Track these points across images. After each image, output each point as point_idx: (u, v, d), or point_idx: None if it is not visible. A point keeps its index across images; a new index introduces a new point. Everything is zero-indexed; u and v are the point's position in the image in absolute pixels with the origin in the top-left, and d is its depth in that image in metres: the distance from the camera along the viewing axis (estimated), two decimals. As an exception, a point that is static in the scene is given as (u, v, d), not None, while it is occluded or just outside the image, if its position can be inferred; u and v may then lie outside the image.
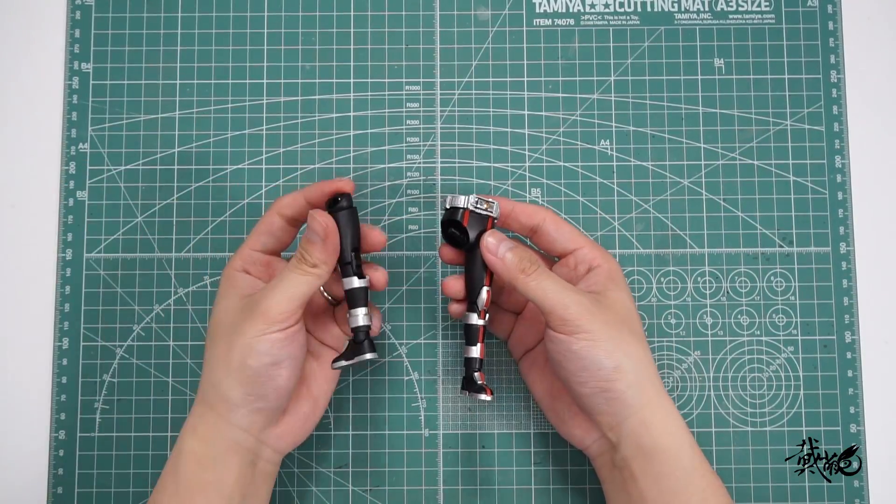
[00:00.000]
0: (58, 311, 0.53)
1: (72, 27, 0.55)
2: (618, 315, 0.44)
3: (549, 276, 0.44)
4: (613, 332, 0.43)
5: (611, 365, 0.42)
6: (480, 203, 0.45)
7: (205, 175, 0.54)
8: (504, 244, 0.44)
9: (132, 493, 0.52)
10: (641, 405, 0.43)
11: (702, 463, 0.43)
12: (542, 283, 0.43)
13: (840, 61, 0.55)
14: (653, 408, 0.43)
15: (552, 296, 0.43)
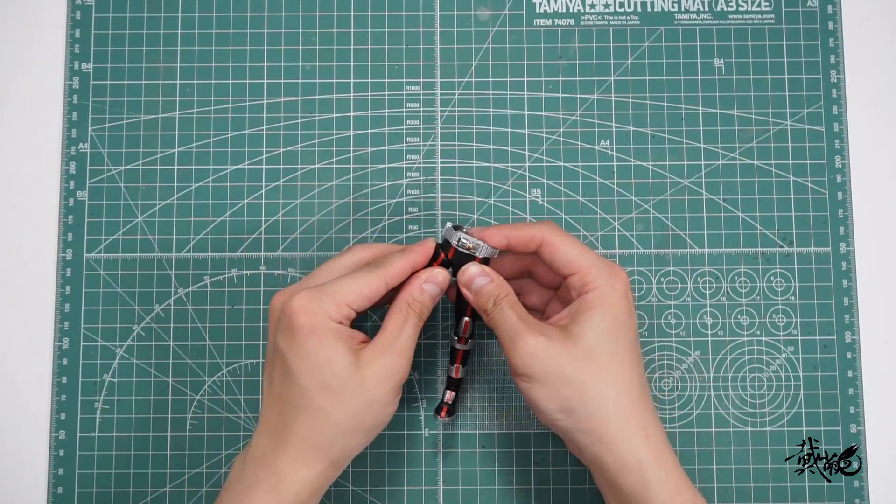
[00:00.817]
0: (58, 311, 0.53)
1: (72, 27, 0.55)
2: (574, 352, 0.43)
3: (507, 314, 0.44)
4: (557, 374, 0.42)
5: (549, 407, 0.43)
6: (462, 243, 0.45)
7: (205, 175, 0.54)
8: (478, 280, 0.45)
9: (132, 493, 0.52)
10: (592, 443, 0.43)
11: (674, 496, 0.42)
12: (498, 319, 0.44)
13: (840, 61, 0.55)
14: (606, 446, 0.42)
15: (504, 334, 0.44)
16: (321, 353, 0.42)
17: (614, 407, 0.43)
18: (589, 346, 0.43)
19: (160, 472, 0.52)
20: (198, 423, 0.52)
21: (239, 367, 0.53)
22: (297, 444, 0.42)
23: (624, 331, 0.44)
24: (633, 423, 0.43)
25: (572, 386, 0.42)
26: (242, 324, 0.53)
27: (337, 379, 0.42)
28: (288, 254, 0.53)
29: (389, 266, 0.44)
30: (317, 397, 0.42)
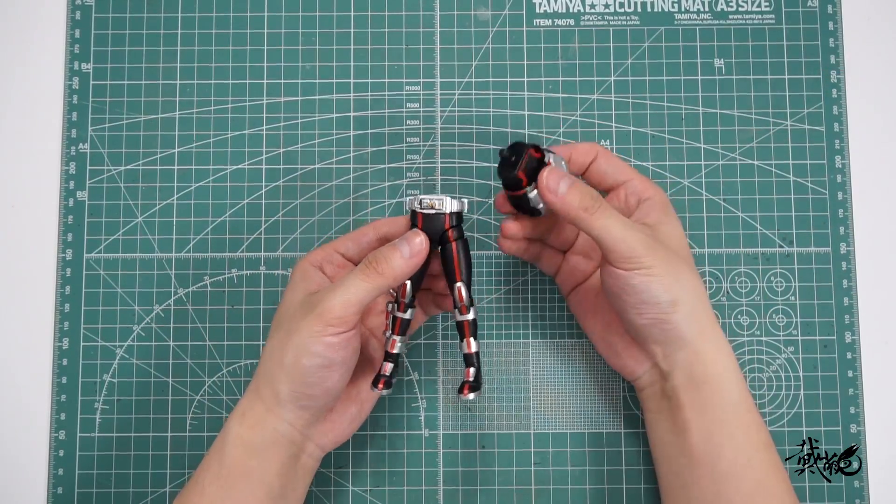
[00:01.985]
0: (58, 311, 0.53)
1: (72, 27, 0.55)
2: (673, 248, 0.45)
3: (611, 213, 0.43)
4: (671, 267, 0.43)
5: (668, 298, 0.43)
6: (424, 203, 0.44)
7: (205, 175, 0.54)
8: (564, 181, 0.43)
9: (132, 493, 0.52)
10: (695, 336, 0.44)
11: (748, 398, 0.45)
12: (605, 222, 0.43)
13: (840, 61, 0.55)
14: (706, 339, 0.44)
15: (615, 233, 0.43)
16: (285, 294, 0.45)
17: (706, 302, 0.46)
18: (682, 244, 0.47)
19: (160, 472, 0.52)
20: (198, 423, 0.52)
21: (239, 368, 0.53)
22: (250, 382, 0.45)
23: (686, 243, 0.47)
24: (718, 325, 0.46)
25: (683, 278, 0.44)
26: (242, 324, 0.53)
27: (281, 310, 0.45)
28: (288, 254, 0.53)
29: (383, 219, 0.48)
30: (270, 332, 0.45)
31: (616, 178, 0.48)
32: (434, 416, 0.52)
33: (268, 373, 0.43)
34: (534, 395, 0.52)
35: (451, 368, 0.53)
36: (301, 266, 0.46)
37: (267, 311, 0.53)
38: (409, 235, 0.44)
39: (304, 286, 0.45)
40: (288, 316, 0.43)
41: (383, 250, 0.43)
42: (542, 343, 0.53)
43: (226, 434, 0.44)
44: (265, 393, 0.43)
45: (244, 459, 0.43)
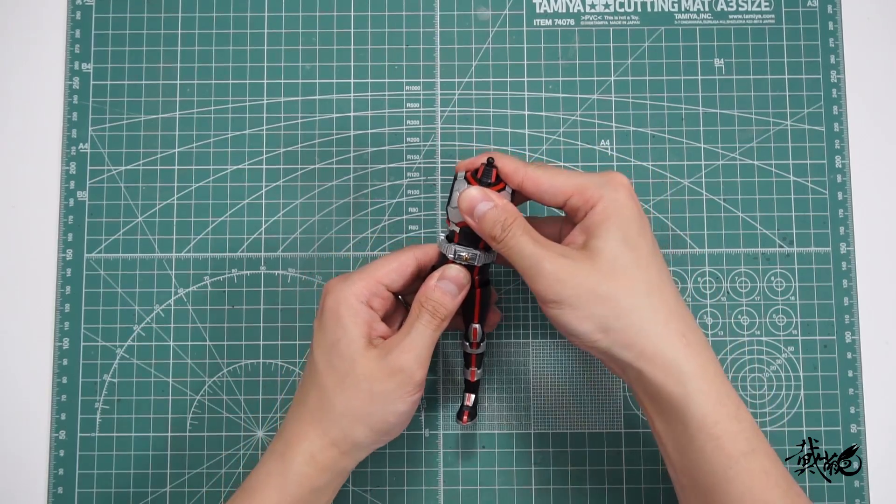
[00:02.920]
0: (58, 311, 0.53)
1: (72, 27, 0.55)
2: (601, 268, 0.41)
3: (522, 241, 0.41)
4: (586, 296, 0.40)
5: (585, 329, 0.41)
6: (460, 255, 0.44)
7: (205, 175, 0.54)
8: (480, 205, 0.42)
9: (132, 493, 0.52)
10: (634, 358, 0.41)
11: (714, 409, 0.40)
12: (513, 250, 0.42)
13: (840, 61, 0.55)
14: (648, 358, 0.41)
15: (522, 264, 0.41)
16: (335, 332, 0.43)
17: (651, 316, 0.41)
18: (613, 259, 0.41)
19: (160, 472, 0.52)
20: (198, 423, 0.52)
21: (239, 367, 0.53)
22: (306, 418, 0.44)
23: (641, 235, 0.42)
24: (672, 330, 0.41)
25: (605, 303, 0.40)
26: (242, 324, 0.53)
27: (342, 362, 0.43)
28: (288, 254, 0.53)
29: (422, 245, 0.46)
30: (325, 375, 0.43)
31: (555, 200, 0.43)
32: (434, 416, 0.52)
33: (346, 426, 0.43)
34: (534, 395, 0.52)
35: (452, 369, 0.53)
36: (348, 303, 0.43)
37: (267, 311, 0.53)
38: (450, 274, 0.44)
39: (358, 328, 0.43)
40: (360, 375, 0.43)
41: (436, 296, 0.43)
42: (542, 343, 0.53)
43: (288, 469, 0.43)
44: (341, 442, 0.43)
45: (307, 495, 0.43)
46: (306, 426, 0.44)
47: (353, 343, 0.43)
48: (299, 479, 0.43)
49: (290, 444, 0.44)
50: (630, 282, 0.41)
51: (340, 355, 0.43)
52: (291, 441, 0.44)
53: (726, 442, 0.40)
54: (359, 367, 0.43)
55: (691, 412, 0.40)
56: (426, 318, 0.43)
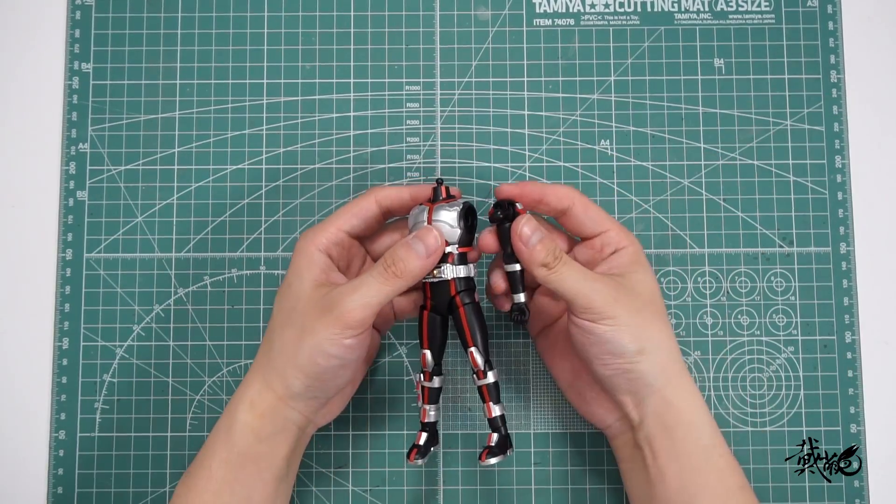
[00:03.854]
0: (58, 311, 0.53)
1: (72, 27, 0.55)
2: (641, 297, 0.44)
3: (571, 267, 0.43)
4: (636, 316, 0.43)
5: (634, 348, 0.43)
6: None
7: (205, 175, 0.54)
8: (537, 234, 0.43)
9: (132, 493, 0.52)
10: (664, 384, 0.44)
11: (720, 442, 0.44)
12: (562, 276, 0.43)
13: (840, 61, 0.55)
14: (674, 387, 0.44)
15: (573, 285, 0.43)
16: (290, 276, 0.44)
17: (676, 351, 0.45)
18: (651, 293, 0.45)
19: (160, 472, 0.52)
20: (198, 423, 0.52)
21: (239, 367, 0.53)
22: (253, 367, 0.45)
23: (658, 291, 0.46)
24: (687, 372, 0.45)
25: (649, 328, 0.44)
26: (242, 324, 0.53)
27: (288, 301, 0.44)
28: (288, 254, 0.53)
29: (382, 187, 0.46)
30: (274, 319, 0.45)
31: (593, 229, 0.46)
32: (434, 416, 0.52)
33: (279, 367, 0.43)
34: (534, 395, 0.52)
35: (452, 369, 0.53)
36: (306, 250, 0.44)
37: (267, 311, 0.53)
38: (423, 234, 0.43)
39: (311, 274, 0.44)
40: (299, 311, 0.43)
41: (399, 251, 0.42)
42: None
43: (233, 421, 0.44)
44: (276, 385, 0.43)
45: (253, 445, 0.43)
46: (252, 375, 0.44)
47: (303, 283, 0.43)
48: (242, 428, 0.43)
49: (236, 395, 0.44)
50: (663, 316, 0.45)
51: (289, 295, 0.44)
52: (238, 393, 0.44)
53: (728, 475, 0.44)
54: (301, 303, 0.43)
55: (702, 443, 0.44)
56: (379, 269, 0.42)
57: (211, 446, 0.44)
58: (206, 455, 0.44)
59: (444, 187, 0.45)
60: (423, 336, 0.45)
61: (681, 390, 0.44)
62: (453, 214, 0.44)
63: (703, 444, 0.44)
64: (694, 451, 0.44)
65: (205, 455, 0.44)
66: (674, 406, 0.44)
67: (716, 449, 0.44)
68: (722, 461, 0.44)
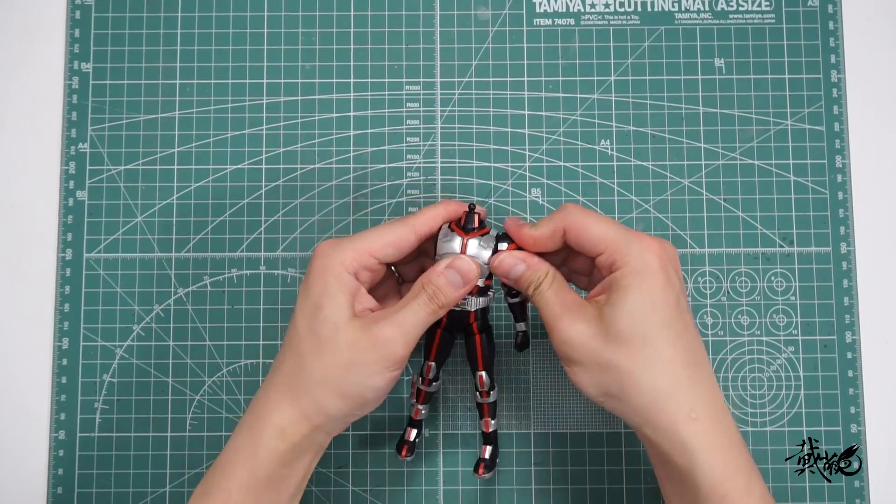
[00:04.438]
0: (58, 311, 0.53)
1: (72, 27, 0.55)
2: (609, 337, 0.41)
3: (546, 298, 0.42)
4: (597, 362, 0.41)
5: (590, 393, 0.42)
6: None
7: (205, 175, 0.54)
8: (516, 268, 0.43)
9: (132, 493, 0.52)
10: (640, 424, 0.41)
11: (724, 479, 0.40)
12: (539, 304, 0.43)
13: (840, 61, 0.55)
14: (652, 427, 0.41)
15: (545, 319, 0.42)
16: (320, 297, 0.42)
17: (652, 391, 0.40)
18: (621, 330, 0.40)
19: (160, 472, 0.52)
20: (198, 423, 0.52)
21: (239, 367, 0.53)
22: (277, 387, 0.43)
23: (660, 308, 0.41)
24: (676, 405, 0.40)
25: (609, 372, 0.41)
26: (242, 324, 0.53)
27: (324, 327, 0.42)
28: (288, 254, 0.53)
29: (419, 214, 0.44)
30: (303, 340, 0.42)
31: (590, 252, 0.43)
32: (434, 416, 0.52)
33: (318, 396, 0.42)
34: (534, 395, 0.52)
35: (452, 369, 0.53)
36: (334, 270, 0.42)
37: (267, 311, 0.53)
38: (459, 264, 0.43)
39: (346, 300, 0.42)
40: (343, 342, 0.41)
41: (440, 281, 0.43)
42: (542, 343, 0.53)
43: (258, 447, 0.42)
44: (313, 414, 0.42)
45: (278, 470, 0.42)
46: (278, 396, 0.42)
47: (339, 310, 0.42)
48: (269, 455, 0.42)
49: (260, 416, 0.42)
50: (635, 356, 0.41)
51: (323, 321, 0.42)
52: (262, 414, 0.42)
53: None
54: (341, 334, 0.42)
55: (698, 482, 0.40)
56: (423, 300, 0.42)
57: (230, 469, 0.42)
58: (224, 477, 0.42)
59: (476, 215, 0.45)
60: (433, 351, 0.47)
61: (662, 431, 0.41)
62: (487, 254, 0.44)
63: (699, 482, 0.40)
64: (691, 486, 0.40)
65: (223, 477, 0.42)
66: (657, 445, 0.41)
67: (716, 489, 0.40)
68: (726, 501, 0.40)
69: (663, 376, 0.41)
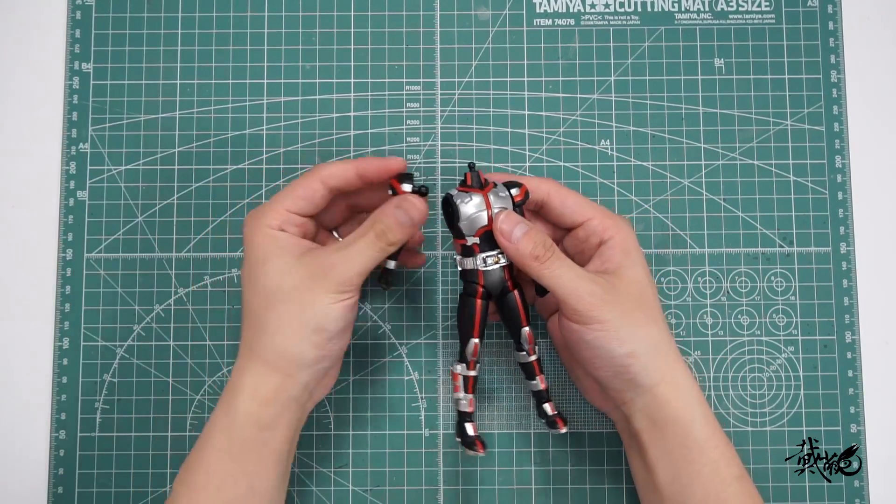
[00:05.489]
0: (58, 311, 0.53)
1: (72, 27, 0.55)
2: (631, 296, 0.44)
3: (563, 263, 0.43)
4: (626, 318, 0.43)
5: (623, 352, 0.43)
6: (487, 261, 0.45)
7: (205, 175, 0.54)
8: (518, 228, 0.43)
9: (132, 493, 0.52)
10: (655, 383, 0.44)
11: (713, 434, 0.44)
12: (556, 272, 0.43)
13: (840, 61, 0.55)
14: (666, 384, 0.44)
15: (566, 284, 0.43)
16: (257, 258, 0.43)
17: (668, 345, 0.44)
18: (643, 288, 0.44)
19: (160, 472, 0.52)
20: (198, 423, 0.52)
21: (239, 367, 0.53)
22: (243, 353, 0.44)
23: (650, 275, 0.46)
24: (681, 360, 0.45)
25: (640, 328, 0.43)
26: (242, 324, 0.53)
27: (268, 280, 0.43)
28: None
29: (328, 164, 0.45)
30: (253, 302, 0.43)
31: (573, 219, 0.46)
32: (434, 416, 0.52)
33: (282, 344, 0.42)
34: (534, 394, 0.52)
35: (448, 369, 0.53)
36: (266, 233, 0.43)
37: (267, 310, 0.53)
38: (407, 204, 0.44)
39: (284, 252, 0.43)
40: (290, 285, 0.42)
41: (389, 222, 0.43)
42: (543, 343, 0.53)
43: (234, 412, 0.42)
44: (281, 364, 0.43)
45: (256, 433, 0.42)
46: (244, 362, 0.43)
47: (280, 260, 0.43)
48: (244, 418, 0.42)
49: (233, 386, 0.43)
50: (654, 311, 0.45)
51: (265, 274, 0.43)
52: (234, 383, 0.43)
53: (723, 465, 0.43)
54: (288, 278, 0.42)
55: (694, 436, 0.43)
56: (372, 237, 0.43)
57: (207, 440, 0.43)
58: (203, 449, 0.43)
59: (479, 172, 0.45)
60: (476, 325, 0.45)
61: (672, 386, 0.44)
62: (509, 204, 0.45)
63: (695, 436, 0.43)
64: (685, 443, 0.43)
65: (201, 450, 0.43)
66: (663, 403, 0.44)
67: (709, 441, 0.43)
68: (716, 452, 0.43)
69: (669, 337, 0.45)
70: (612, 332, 0.42)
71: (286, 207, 0.44)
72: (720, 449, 0.44)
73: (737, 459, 0.44)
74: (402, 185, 0.45)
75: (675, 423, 0.43)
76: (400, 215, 0.43)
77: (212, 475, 0.42)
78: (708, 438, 0.43)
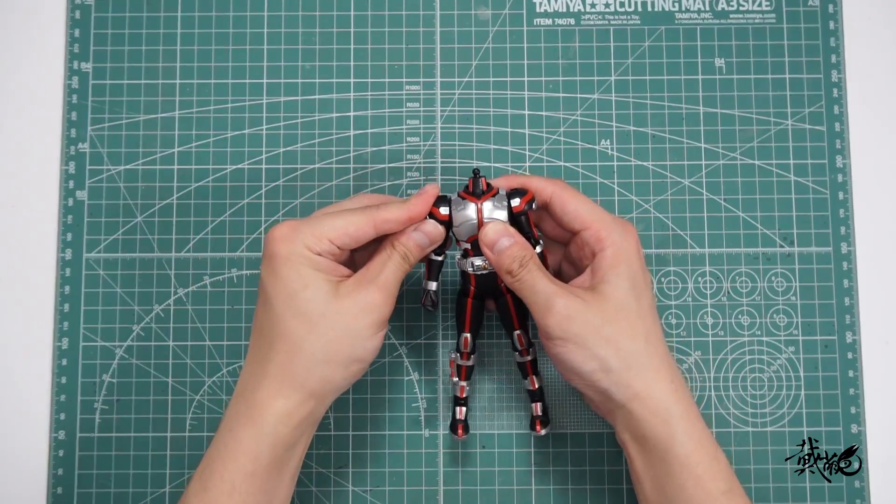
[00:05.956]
0: (57, 311, 0.53)
1: (72, 27, 0.55)
2: (605, 313, 0.43)
3: (538, 279, 0.43)
4: (595, 335, 0.43)
5: (588, 369, 0.43)
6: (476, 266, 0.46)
7: (205, 175, 0.54)
8: (501, 241, 0.44)
9: (132, 493, 0.52)
10: (628, 399, 0.43)
11: (696, 449, 0.43)
12: (529, 286, 0.44)
13: (841, 61, 0.55)
14: (640, 400, 0.43)
15: (538, 300, 0.43)
16: (297, 280, 0.42)
17: (647, 361, 0.44)
18: (620, 304, 0.44)
19: (160, 472, 0.52)
20: (198, 424, 0.52)
21: (239, 367, 0.53)
22: (275, 375, 0.43)
23: (644, 287, 0.45)
24: (663, 376, 0.44)
25: (609, 345, 0.43)
26: (242, 324, 0.53)
27: (312, 306, 0.42)
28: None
29: (383, 209, 0.44)
30: (292, 325, 0.42)
31: (572, 226, 0.46)
32: (434, 416, 0.52)
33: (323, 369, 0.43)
34: (534, 395, 0.52)
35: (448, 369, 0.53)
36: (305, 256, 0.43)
37: (267, 311, 0.53)
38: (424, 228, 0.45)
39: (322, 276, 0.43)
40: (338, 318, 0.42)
41: (410, 243, 0.44)
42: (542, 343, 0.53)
43: (262, 435, 0.42)
44: (317, 387, 0.43)
45: (281, 453, 0.43)
46: (277, 384, 0.42)
47: (321, 289, 0.43)
48: (273, 441, 0.42)
49: (260, 406, 0.42)
50: (632, 328, 0.44)
51: (309, 301, 0.42)
52: (261, 403, 0.42)
53: (707, 481, 0.43)
54: (331, 307, 0.42)
55: (675, 451, 0.43)
56: (397, 260, 0.44)
57: (231, 461, 0.42)
58: (225, 469, 0.42)
59: (482, 179, 0.45)
60: (467, 321, 0.48)
61: (647, 403, 0.43)
62: (504, 214, 0.45)
63: (675, 452, 0.43)
64: (665, 459, 0.43)
65: (224, 468, 0.42)
66: (640, 419, 0.43)
67: (691, 457, 0.43)
68: (700, 468, 0.43)
69: (652, 349, 0.44)
70: (574, 347, 0.43)
71: (330, 238, 0.43)
72: (704, 464, 0.43)
73: (725, 473, 0.43)
74: (440, 209, 0.45)
75: (654, 439, 0.43)
76: (419, 237, 0.45)
77: (234, 494, 0.42)
78: (690, 454, 0.43)
